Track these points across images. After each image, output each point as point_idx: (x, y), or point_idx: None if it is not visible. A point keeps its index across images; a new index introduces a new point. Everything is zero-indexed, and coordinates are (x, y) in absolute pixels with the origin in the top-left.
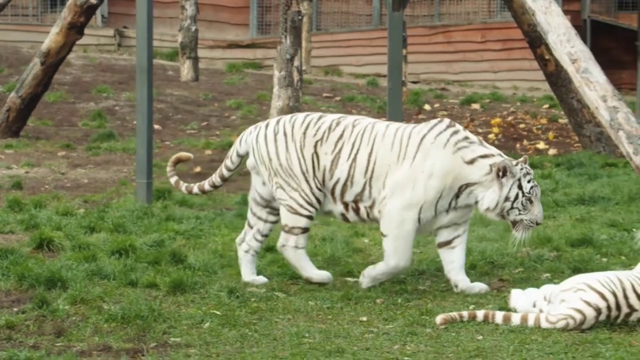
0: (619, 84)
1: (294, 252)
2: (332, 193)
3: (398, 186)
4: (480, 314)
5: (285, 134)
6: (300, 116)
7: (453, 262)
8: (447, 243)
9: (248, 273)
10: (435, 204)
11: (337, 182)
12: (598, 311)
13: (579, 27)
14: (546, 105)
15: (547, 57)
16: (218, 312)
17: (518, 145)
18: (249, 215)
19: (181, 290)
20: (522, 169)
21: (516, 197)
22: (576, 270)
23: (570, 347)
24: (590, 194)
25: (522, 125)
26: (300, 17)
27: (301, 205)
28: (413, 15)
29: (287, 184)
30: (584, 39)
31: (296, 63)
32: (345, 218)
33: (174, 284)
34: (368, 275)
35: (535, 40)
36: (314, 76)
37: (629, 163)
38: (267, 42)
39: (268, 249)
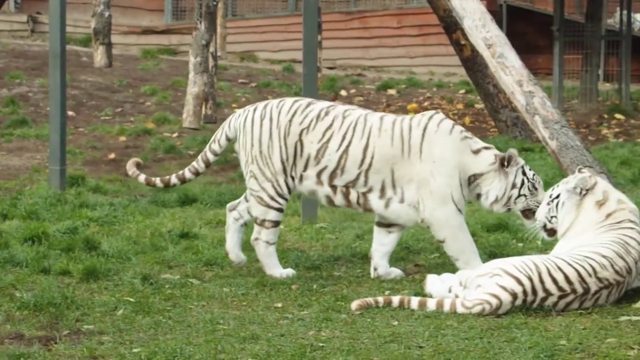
0: (535, 69)
1: (265, 248)
2: (318, 177)
3: (422, 187)
4: (395, 299)
5: (271, 120)
6: (288, 102)
7: (383, 245)
8: (387, 225)
9: (233, 243)
10: (461, 189)
11: (324, 168)
12: (514, 296)
13: (495, 12)
14: (462, 91)
15: (463, 42)
16: (132, 299)
17: None
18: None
19: (94, 277)
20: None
21: (522, 184)
22: (492, 255)
23: (485, 332)
24: None
25: (439, 111)
26: (215, 3)
27: (272, 197)
28: (329, 1)
29: (261, 173)
30: (499, 24)
31: (211, 49)
32: (330, 201)
33: (87, 271)
34: None
35: (451, 26)
36: (229, 62)
37: (545, 148)
38: (182, 28)
39: (182, 236)
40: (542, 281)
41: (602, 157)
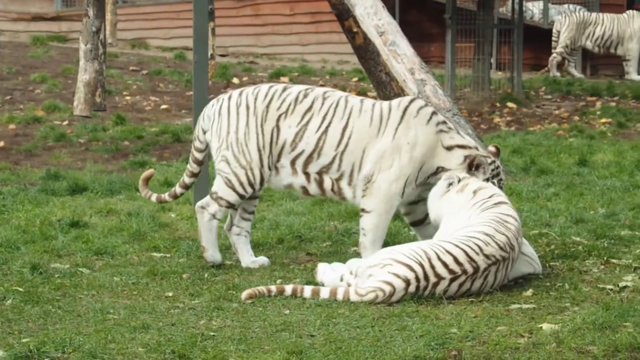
0: (428, 57)
1: (209, 220)
2: (292, 164)
3: (384, 160)
4: (288, 288)
5: (247, 107)
6: (263, 88)
7: (431, 236)
8: (421, 221)
9: (247, 257)
10: (416, 177)
11: (300, 154)
12: (407, 282)
13: (387, 0)
14: (355, 79)
15: (355, 30)
16: (20, 289)
17: None
18: None
19: None
20: (494, 169)
21: None
22: (384, 244)
23: (377, 321)
24: None
25: None
26: None
27: (241, 184)
28: None
29: (235, 160)
30: (392, 12)
31: (101, 36)
32: (305, 191)
33: None
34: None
35: (343, 13)
36: (120, 49)
37: None
38: (72, 15)
39: (72, 225)
40: (432, 266)
41: None
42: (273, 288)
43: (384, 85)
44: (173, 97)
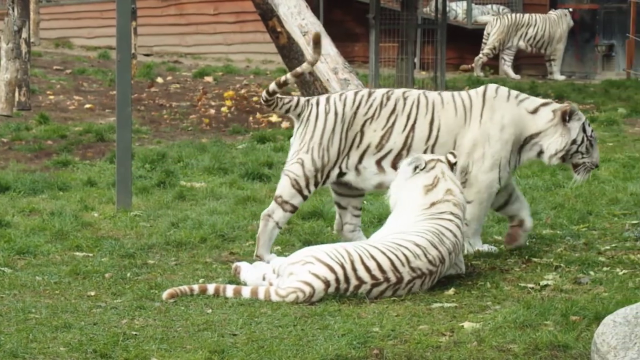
0: (352, 57)
1: (272, 229)
2: (378, 164)
3: (476, 150)
4: (210, 287)
5: (336, 114)
6: (350, 94)
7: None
8: (501, 207)
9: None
10: (509, 160)
11: (388, 153)
12: (327, 284)
13: (312, 0)
14: None
15: (279, 29)
16: None
17: (251, 118)
18: (337, 199)
19: None
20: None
21: (582, 141)
22: (307, 243)
23: (299, 320)
24: None
25: (255, 98)
26: None
27: (307, 186)
28: None
29: (312, 163)
30: (316, 11)
31: (24, 35)
32: None
33: None
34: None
35: (267, 13)
36: (44, 49)
37: None
38: None
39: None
40: (354, 269)
41: None
42: (196, 287)
43: (308, 85)
44: (97, 96)
